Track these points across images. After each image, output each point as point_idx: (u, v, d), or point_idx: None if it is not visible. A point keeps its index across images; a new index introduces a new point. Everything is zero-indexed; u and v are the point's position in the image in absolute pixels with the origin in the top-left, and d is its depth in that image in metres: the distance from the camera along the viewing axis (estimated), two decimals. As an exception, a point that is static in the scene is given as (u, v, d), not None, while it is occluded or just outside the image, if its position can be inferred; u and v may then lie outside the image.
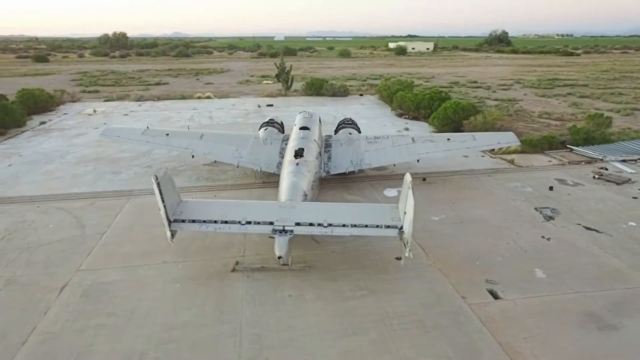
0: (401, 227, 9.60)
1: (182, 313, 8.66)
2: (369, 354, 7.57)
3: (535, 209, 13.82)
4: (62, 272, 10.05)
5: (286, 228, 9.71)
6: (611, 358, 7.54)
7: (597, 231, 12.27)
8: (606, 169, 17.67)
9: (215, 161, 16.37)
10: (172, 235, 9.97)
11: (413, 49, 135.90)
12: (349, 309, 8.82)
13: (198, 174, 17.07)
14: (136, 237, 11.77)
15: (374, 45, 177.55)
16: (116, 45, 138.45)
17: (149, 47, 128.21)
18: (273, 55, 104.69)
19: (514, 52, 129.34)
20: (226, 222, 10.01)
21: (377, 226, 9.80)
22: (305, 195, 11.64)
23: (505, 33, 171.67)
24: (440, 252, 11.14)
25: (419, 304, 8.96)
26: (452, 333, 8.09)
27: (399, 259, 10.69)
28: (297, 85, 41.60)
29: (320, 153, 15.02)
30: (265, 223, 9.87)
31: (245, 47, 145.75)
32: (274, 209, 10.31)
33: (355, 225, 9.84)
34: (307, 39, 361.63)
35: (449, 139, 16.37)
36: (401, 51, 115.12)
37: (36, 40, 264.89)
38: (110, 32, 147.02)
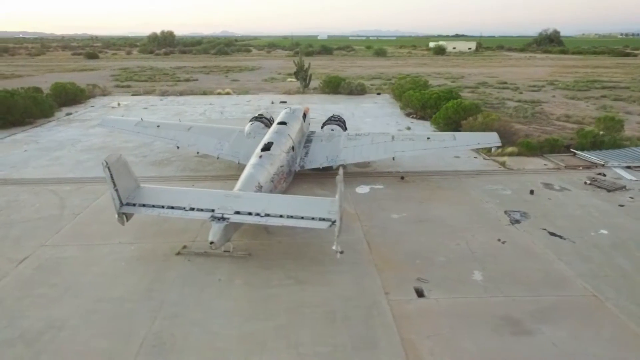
0: (334, 221, 9.72)
1: (116, 289, 9.33)
2: (268, 337, 7.84)
3: (505, 212, 13.37)
4: (28, 246, 11.09)
5: (224, 215, 10.16)
6: (510, 362, 7.35)
7: (561, 237, 11.73)
8: (604, 175, 16.66)
9: (197, 152, 17.13)
10: (127, 218, 10.76)
11: (454, 48, 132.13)
12: (269, 296, 9.11)
13: (186, 165, 17.92)
14: (105, 219, 12.63)
15: (415, 44, 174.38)
16: (163, 43, 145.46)
17: (192, 45, 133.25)
18: (308, 54, 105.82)
19: (563, 52, 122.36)
20: (172, 207, 10.63)
21: (313, 218, 10.02)
22: (260, 187, 12.02)
23: (556, 32, 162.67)
24: (385, 249, 11.13)
25: (338, 296, 9.09)
26: (358, 325, 8.18)
27: (341, 252, 10.82)
28: (316, 83, 41.98)
29: (293, 147, 15.32)
30: (207, 210, 10.37)
31: (285, 45, 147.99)
32: (219, 198, 10.78)
33: (291, 217, 10.12)
34: (350, 38, 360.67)
35: (428, 138, 16.15)
36: (439, 51, 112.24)
37: (95, 38, 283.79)
38: (164, 31, 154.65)
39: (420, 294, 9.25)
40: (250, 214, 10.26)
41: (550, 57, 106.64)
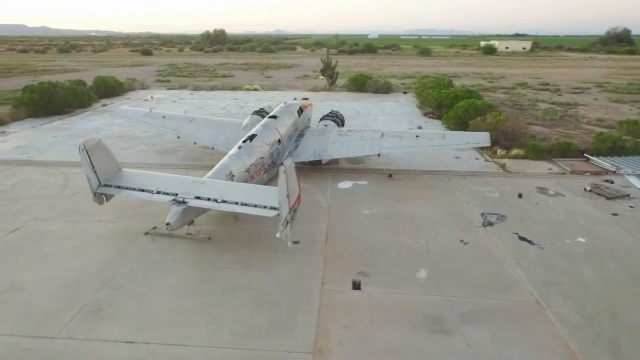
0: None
1: (81, 260, 10.25)
2: (193, 313, 8.34)
3: (482, 214, 12.95)
4: (22, 218, 12.41)
5: (185, 200, 10.80)
6: (414, 357, 7.29)
7: (530, 242, 11.22)
8: (611, 182, 15.53)
9: (195, 143, 18.02)
10: (107, 198, 11.75)
11: (506, 48, 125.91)
12: (211, 277, 9.61)
13: (187, 155, 18.91)
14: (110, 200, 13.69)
15: (467, 44, 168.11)
16: (215, 41, 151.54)
17: (240, 43, 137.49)
18: (351, 53, 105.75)
19: (631, 52, 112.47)
20: (142, 190, 11.45)
21: (265, 207, 10.39)
22: (232, 176, 12.56)
23: (626, 31, 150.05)
24: (342, 242, 11.27)
25: (275, 282, 9.40)
26: (282, 311, 8.45)
27: (296, 242, 11.13)
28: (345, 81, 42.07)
29: (279, 141, 15.72)
30: (171, 194, 11.07)
31: (332, 44, 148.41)
32: (186, 183, 11.44)
33: (245, 204, 10.57)
34: (402, 37, 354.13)
35: (417, 136, 15.91)
36: (489, 50, 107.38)
37: (157, 36, 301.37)
38: (216, 29, 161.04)
39: (356, 286, 9.33)
40: (208, 199, 10.83)
41: (613, 57, 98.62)
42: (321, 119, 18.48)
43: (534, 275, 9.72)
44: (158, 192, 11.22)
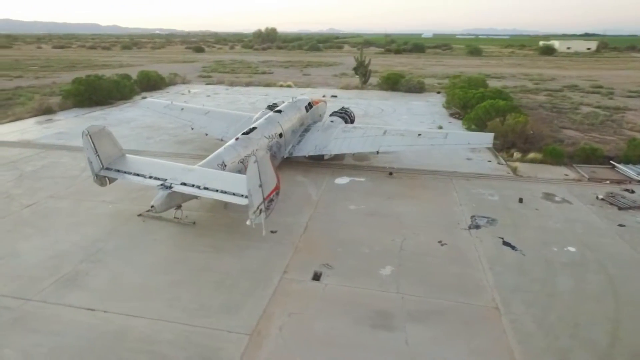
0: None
1: (75, 235, 11.22)
2: (156, 288, 8.91)
3: (472, 216, 12.51)
4: (39, 195, 13.75)
5: (171, 185, 11.46)
6: (346, 349, 7.33)
7: (513, 248, 10.73)
8: (632, 191, 14.36)
9: (206, 134, 18.83)
10: (109, 181, 12.73)
11: (568, 48, 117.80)
12: (184, 258, 10.17)
13: (202, 146, 19.77)
14: (115, 182, 14.74)
15: (526, 44, 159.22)
16: (266, 39, 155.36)
17: (291, 42, 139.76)
18: (397, 52, 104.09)
19: None
20: (137, 174, 12.28)
21: (242, 195, 10.79)
22: (224, 166, 13.10)
23: None
24: (317, 234, 11.42)
25: (241, 267, 9.77)
26: (237, 293, 8.81)
27: (274, 232, 11.46)
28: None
29: (281, 135, 16.08)
30: (161, 179, 11.78)
31: (380, 43, 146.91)
32: (176, 170, 12.12)
33: (224, 192, 11.03)
34: (457, 36, 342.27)
35: (419, 135, 15.60)
36: (546, 51, 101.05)
37: (215, 34, 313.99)
38: (267, 28, 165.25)
39: (316, 277, 9.47)
40: (192, 186, 11.41)
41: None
42: (330, 115, 18.63)
43: (504, 281, 9.33)
44: (150, 177, 11.98)
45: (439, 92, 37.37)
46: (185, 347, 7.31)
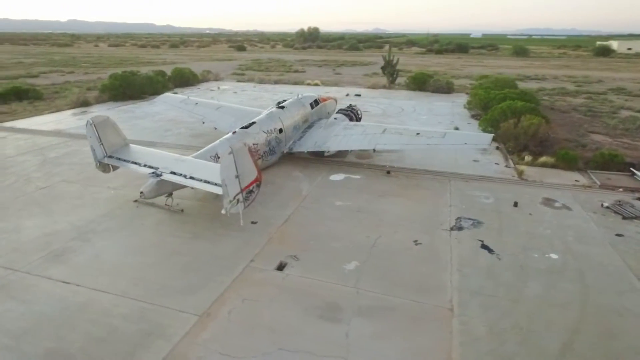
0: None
1: (74, 216, 12.13)
2: (128, 268, 9.51)
3: (457, 218, 12.20)
4: (53, 180, 14.94)
5: (161, 173, 12.10)
6: (286, 336, 7.49)
7: (490, 251, 10.39)
8: (643, 201, 13.37)
9: (215, 128, 19.49)
10: (112, 168, 13.61)
11: (629, 49, 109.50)
12: (162, 242, 10.74)
13: (212, 140, 20.38)
14: (119, 170, 15.81)
15: (581, 44, 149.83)
16: (308, 39, 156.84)
17: (329, 41, 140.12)
18: (439, 52, 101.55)
19: None
20: (134, 162, 13.06)
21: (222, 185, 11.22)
22: (217, 157, 13.62)
23: None
24: (295, 227, 11.64)
25: (211, 253, 10.18)
26: (201, 277, 9.21)
27: (254, 222, 11.81)
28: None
29: (281, 130, 16.39)
30: (154, 167, 12.48)
31: (424, 43, 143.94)
32: (169, 160, 12.78)
33: (207, 181, 11.51)
34: (509, 36, 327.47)
35: (418, 134, 15.35)
36: (602, 52, 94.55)
37: (261, 34, 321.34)
38: (310, 27, 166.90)
39: (280, 267, 9.69)
40: (181, 175, 11.99)
41: None
42: (336, 112, 18.73)
43: (468, 283, 9.09)
44: (144, 165, 12.72)
45: (467, 93, 36.24)
46: (137, 322, 7.79)
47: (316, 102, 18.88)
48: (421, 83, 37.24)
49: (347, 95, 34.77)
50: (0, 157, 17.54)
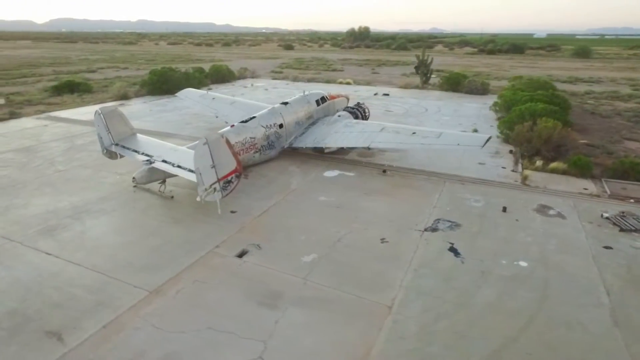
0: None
1: (77, 197, 13.30)
2: (106, 246, 10.35)
3: (436, 220, 11.91)
4: (72, 164, 16.40)
5: (154, 161, 12.95)
6: (219, 317, 7.84)
7: (456, 254, 10.11)
8: (653, 215, 12.26)
9: (226, 122, 20.24)
10: (120, 155, 14.73)
11: None
12: (144, 225, 11.52)
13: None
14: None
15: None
16: (358, 38, 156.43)
17: (378, 41, 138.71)
18: (491, 52, 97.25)
19: None
20: (135, 151, 14.05)
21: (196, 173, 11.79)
22: (211, 148, 14.28)
23: None
24: (270, 218, 11.99)
25: (183, 237, 10.80)
26: (165, 258, 9.83)
27: (233, 212, 12.32)
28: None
29: (281, 125, 16.78)
30: (148, 156, 13.37)
31: (478, 43, 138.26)
32: (164, 150, 13.62)
33: (191, 170, 12.16)
34: (577, 36, 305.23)
35: (414, 133, 15.08)
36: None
37: (314, 33, 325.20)
38: (360, 27, 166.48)
39: (240, 254, 10.08)
40: (171, 164, 12.75)
41: None
42: (343, 110, 18.82)
43: (420, 283, 8.95)
44: (142, 154, 13.66)
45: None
46: (95, 293, 8.53)
47: (323, 100, 19.08)
48: (455, 84, 36.06)
49: (375, 94, 34.50)
50: (36, 142, 19.50)
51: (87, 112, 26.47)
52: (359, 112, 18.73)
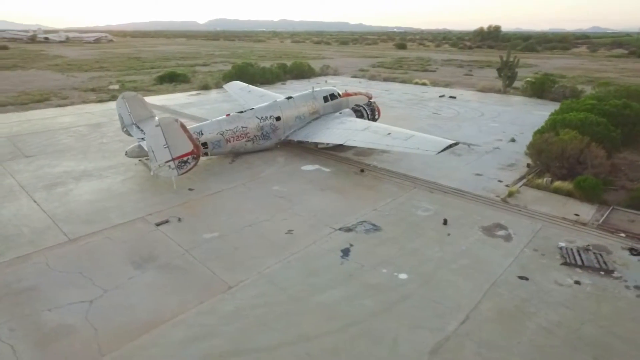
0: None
1: (88, 163, 16.32)
2: (77, 202, 12.79)
3: (360, 221, 11.57)
4: (115, 139, 19.81)
5: (144, 140, 15.18)
6: (95, 270, 9.31)
7: (344, 256, 9.92)
8: (635, 253, 9.92)
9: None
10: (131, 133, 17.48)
11: None
12: (115, 189, 13.77)
13: (256, 123, 23.01)
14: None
15: None
16: (487, 38, 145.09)
17: (507, 41, 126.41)
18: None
19: None
20: (142, 130, 16.55)
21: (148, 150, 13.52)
22: (201, 134, 16.03)
23: None
24: (214, 199, 13.19)
25: (132, 204, 12.67)
26: (105, 216, 11.78)
27: (191, 189, 13.81)
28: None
29: (278, 118, 17.63)
30: (144, 134, 15.69)
31: (635, 44, 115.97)
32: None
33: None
34: None
35: (389, 134, 14.52)
36: None
37: (449, 32, 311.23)
38: (491, 26, 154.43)
39: (160, 223, 11.47)
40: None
41: None
42: (349, 108, 18.81)
43: (279, 273, 9.16)
44: (142, 132, 16.06)
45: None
46: (35, 232, 10.83)
47: (332, 97, 19.29)
48: (539, 89, 31.86)
49: (442, 96, 32.63)
50: (109, 120, 23.81)
51: (168, 98, 31.02)
52: (364, 111, 18.49)
